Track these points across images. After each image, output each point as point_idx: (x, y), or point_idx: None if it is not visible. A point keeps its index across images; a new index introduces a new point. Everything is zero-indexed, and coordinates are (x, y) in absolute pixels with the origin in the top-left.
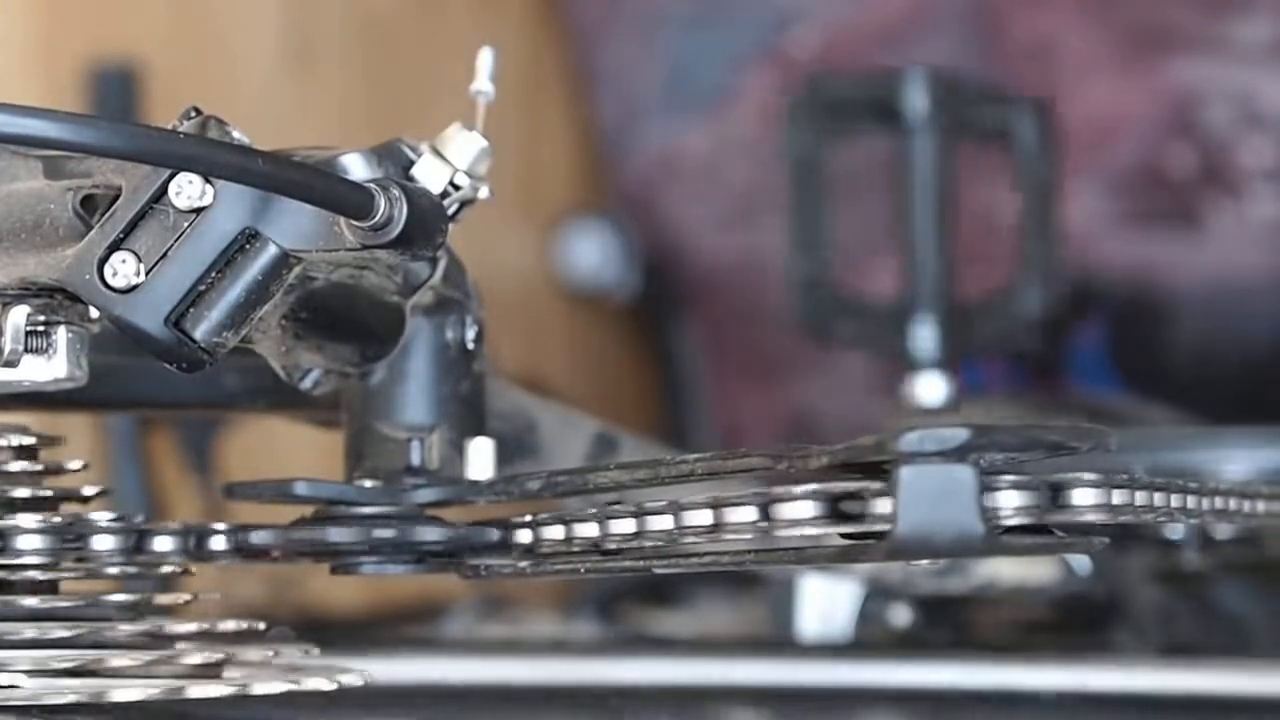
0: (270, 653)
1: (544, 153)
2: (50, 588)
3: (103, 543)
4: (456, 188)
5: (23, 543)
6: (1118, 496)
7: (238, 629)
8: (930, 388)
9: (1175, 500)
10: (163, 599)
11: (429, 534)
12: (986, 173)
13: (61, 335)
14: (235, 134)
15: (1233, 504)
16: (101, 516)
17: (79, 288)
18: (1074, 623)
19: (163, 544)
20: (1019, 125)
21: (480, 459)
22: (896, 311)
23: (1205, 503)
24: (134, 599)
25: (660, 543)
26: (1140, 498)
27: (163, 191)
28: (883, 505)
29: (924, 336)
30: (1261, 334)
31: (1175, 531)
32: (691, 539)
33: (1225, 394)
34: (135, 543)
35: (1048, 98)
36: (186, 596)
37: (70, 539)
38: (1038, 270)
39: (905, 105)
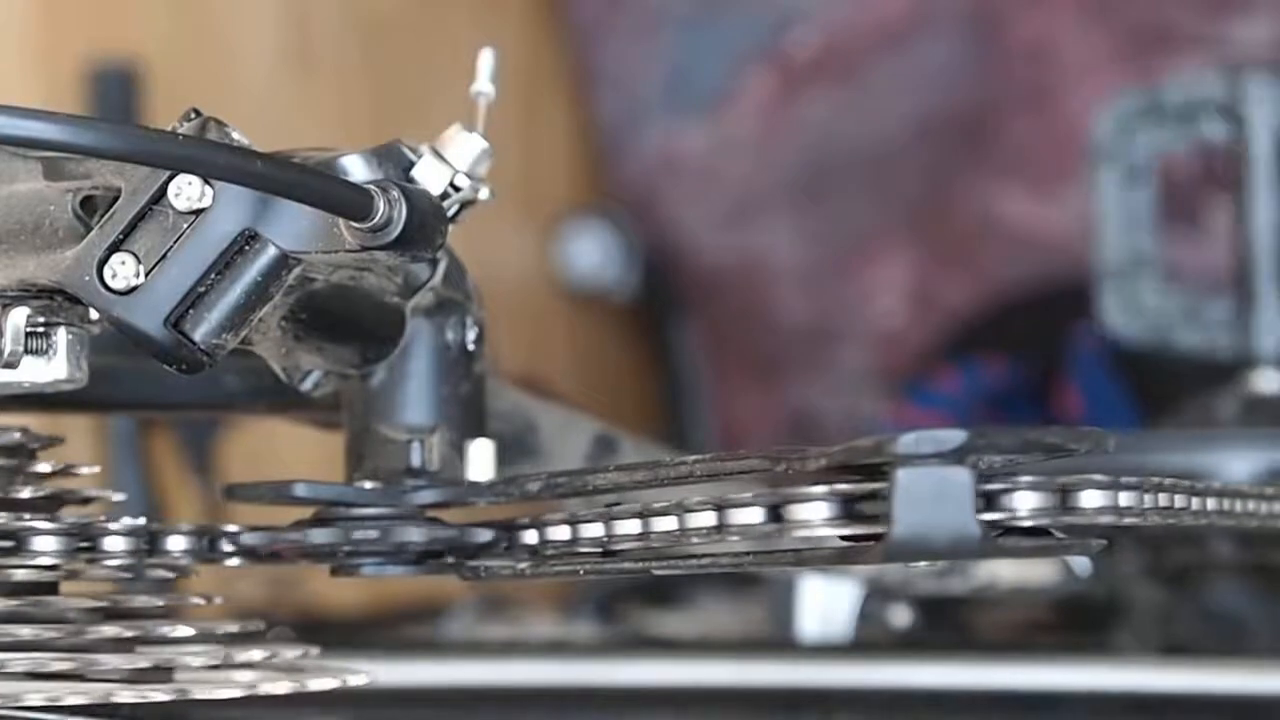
0: (272, 654)
1: (544, 153)
2: (51, 589)
3: (107, 544)
4: (456, 189)
5: (29, 543)
6: (1116, 498)
7: (238, 630)
8: (1270, 382)
9: (1179, 501)
10: (165, 601)
11: (429, 535)
12: (986, 173)
13: (61, 336)
14: (235, 135)
15: (1234, 505)
16: (101, 519)
17: (78, 289)
18: (1074, 623)
19: (164, 545)
20: None
21: (480, 460)
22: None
23: (1207, 504)
24: (137, 601)
25: (659, 544)
26: (1144, 499)
27: (162, 193)
28: (880, 506)
29: (1265, 330)
30: None
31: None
32: (691, 540)
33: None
34: (137, 545)
35: None
36: (189, 598)
37: (76, 541)
38: None
39: (1247, 105)
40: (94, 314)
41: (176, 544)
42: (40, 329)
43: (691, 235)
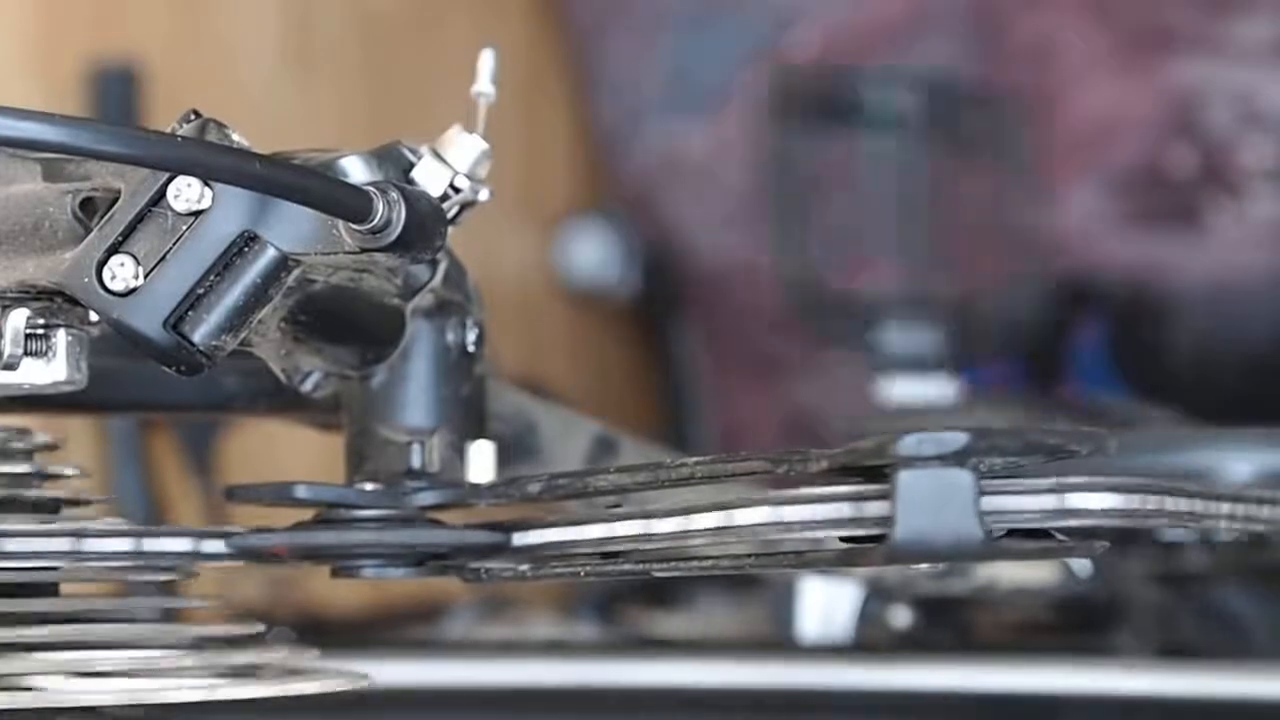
0: (272, 655)
1: (544, 153)
2: (52, 590)
3: (107, 545)
4: (456, 190)
5: (31, 545)
6: (1119, 500)
7: (238, 631)
8: None
9: (1184, 504)
10: (165, 601)
11: (430, 537)
12: (979, 174)
13: (61, 338)
14: (234, 137)
15: (1237, 509)
16: (104, 520)
17: (78, 291)
18: (1074, 624)
19: (164, 546)
20: None
21: (481, 461)
22: None
23: (1209, 506)
24: (136, 601)
25: (660, 546)
26: (1146, 502)
27: (161, 194)
28: (882, 508)
29: None
30: (1261, 334)
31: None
32: (692, 542)
33: (1225, 394)
34: (139, 546)
35: None
36: (189, 599)
37: (75, 542)
38: None
39: None
40: (93, 316)
41: (176, 545)
42: (40, 331)
43: (691, 235)
